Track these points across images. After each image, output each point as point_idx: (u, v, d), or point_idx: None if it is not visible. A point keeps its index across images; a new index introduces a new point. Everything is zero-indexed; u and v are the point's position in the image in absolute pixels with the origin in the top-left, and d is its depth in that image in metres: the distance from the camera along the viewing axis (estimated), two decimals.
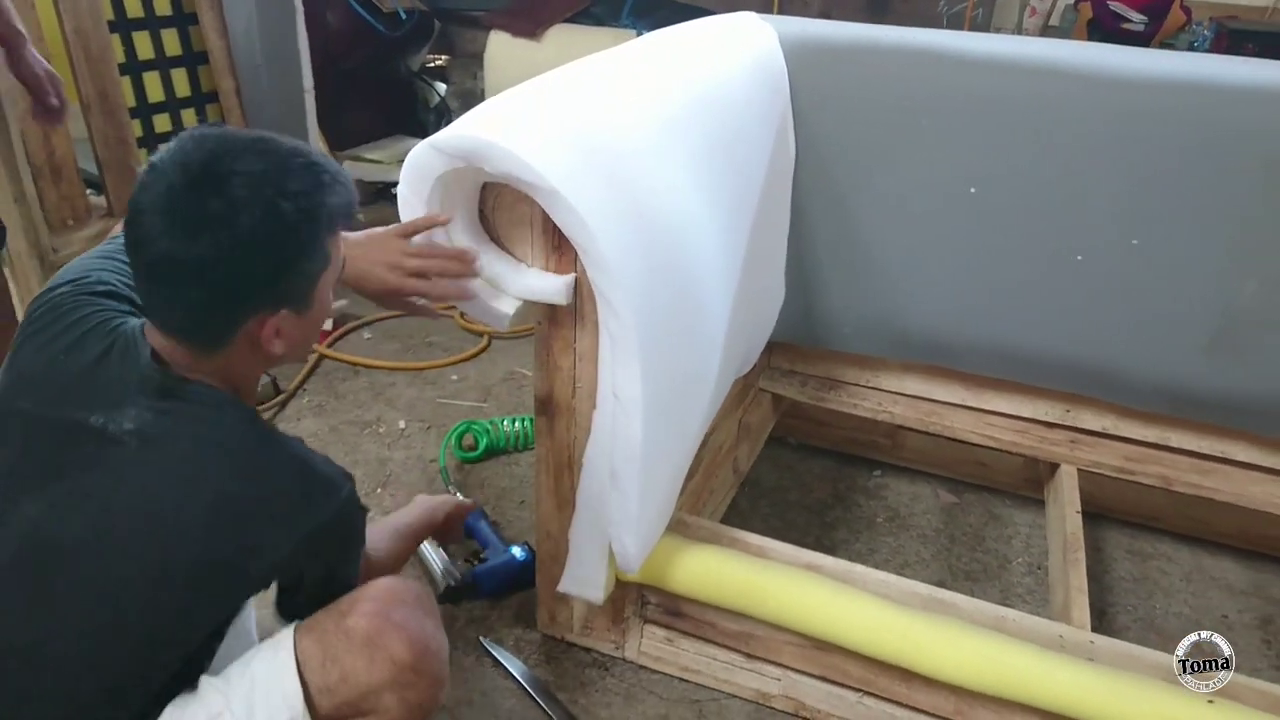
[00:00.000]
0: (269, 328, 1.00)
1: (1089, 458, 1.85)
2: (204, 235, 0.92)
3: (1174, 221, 1.58)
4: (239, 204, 0.92)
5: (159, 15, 2.74)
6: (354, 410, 2.29)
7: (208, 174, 0.93)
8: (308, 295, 1.02)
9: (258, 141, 0.97)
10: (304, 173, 0.98)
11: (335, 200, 1.00)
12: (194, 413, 0.98)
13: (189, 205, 0.92)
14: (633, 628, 1.57)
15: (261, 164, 0.95)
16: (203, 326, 0.99)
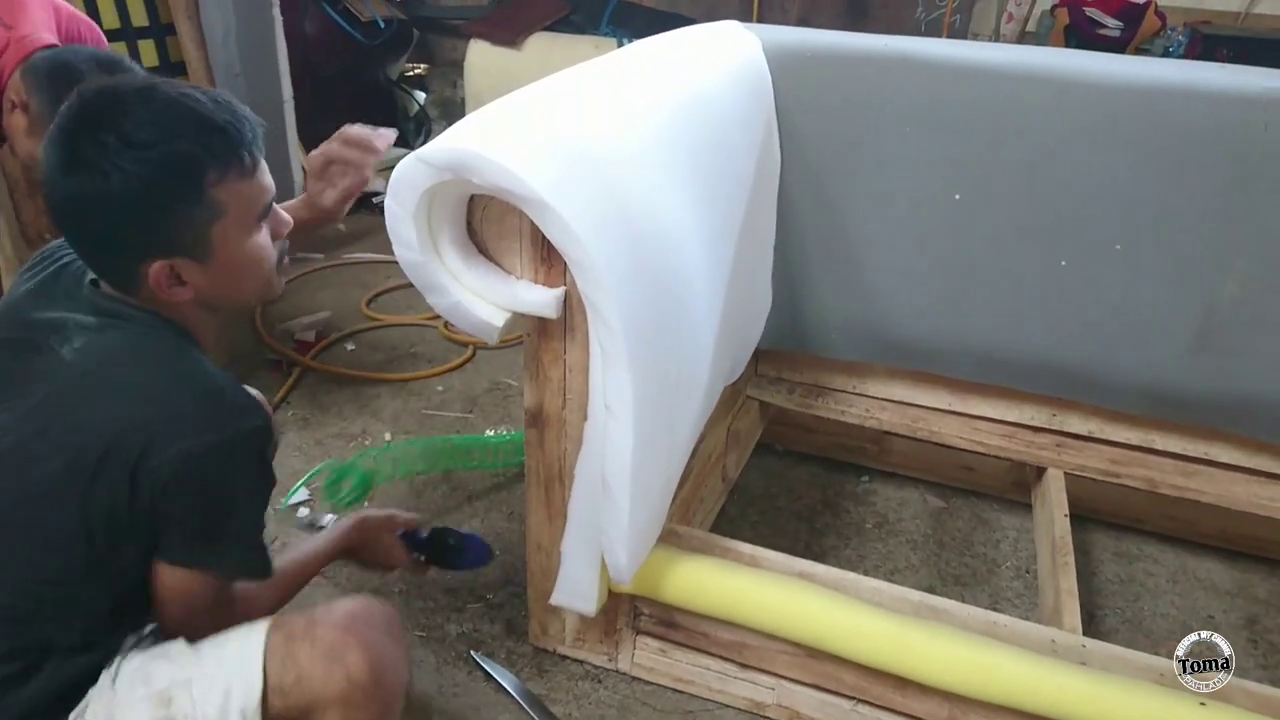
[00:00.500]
0: (158, 273, 1.01)
1: (1075, 461, 1.86)
2: (72, 178, 0.97)
3: (1155, 225, 1.60)
4: (109, 149, 0.95)
5: (135, 26, 2.72)
6: (339, 423, 2.27)
7: (81, 123, 0.97)
8: (200, 243, 1.02)
9: (141, 91, 0.99)
10: (170, 122, 0.98)
11: (202, 149, 0.99)
12: (121, 327, 1.03)
13: (65, 149, 0.97)
14: (625, 639, 1.56)
15: (134, 115, 0.97)
16: (99, 265, 1.04)
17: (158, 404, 0.99)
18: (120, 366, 1.01)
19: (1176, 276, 1.61)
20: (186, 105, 1.00)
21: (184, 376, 1.01)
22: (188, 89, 1.02)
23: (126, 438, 0.96)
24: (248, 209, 1.05)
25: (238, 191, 1.03)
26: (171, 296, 1.03)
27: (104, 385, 1.00)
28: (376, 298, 2.94)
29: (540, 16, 3.76)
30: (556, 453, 1.39)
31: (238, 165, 1.02)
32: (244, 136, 1.03)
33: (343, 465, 1.86)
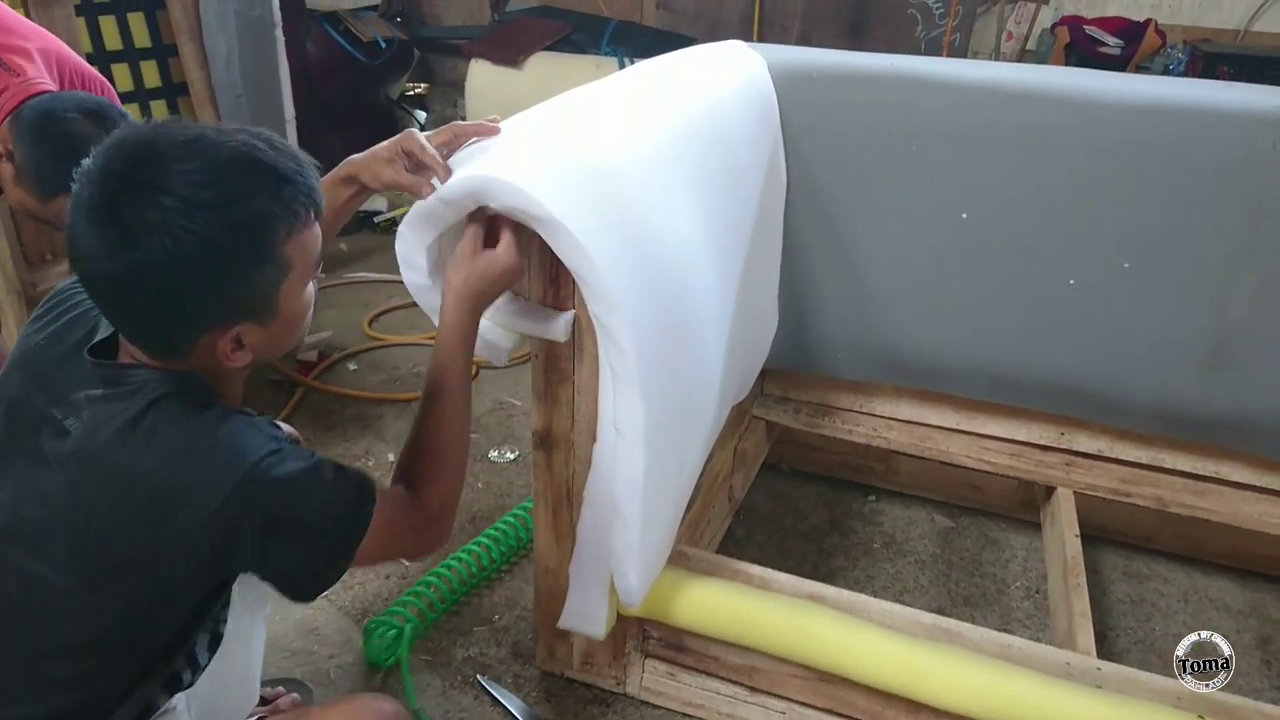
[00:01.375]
0: (225, 342, 0.93)
1: (1085, 480, 1.85)
2: (121, 257, 0.85)
3: (1164, 244, 1.59)
4: (155, 225, 0.84)
5: (138, 47, 2.72)
6: (342, 444, 2.25)
7: (126, 187, 0.85)
8: (269, 305, 0.94)
9: (190, 143, 0.87)
10: (238, 179, 0.88)
11: (278, 206, 0.90)
12: (122, 402, 0.93)
13: (105, 223, 0.85)
14: (634, 662, 1.54)
15: (187, 174, 0.85)
16: (148, 342, 0.94)
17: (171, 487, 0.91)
18: (122, 449, 0.91)
19: (1185, 295, 1.61)
20: (250, 156, 0.89)
21: (174, 450, 0.91)
22: (242, 134, 0.91)
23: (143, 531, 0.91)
24: (309, 260, 0.97)
25: (302, 244, 0.94)
26: (232, 363, 0.95)
27: (111, 474, 0.91)
28: (378, 317, 2.93)
29: (541, 36, 3.77)
30: (564, 475, 1.38)
31: (305, 217, 0.94)
32: (311, 185, 0.94)
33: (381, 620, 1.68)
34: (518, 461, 2.22)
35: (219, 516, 0.90)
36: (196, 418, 0.92)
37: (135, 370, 0.94)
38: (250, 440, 0.92)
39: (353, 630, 1.69)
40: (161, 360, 0.94)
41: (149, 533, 0.91)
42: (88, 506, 0.91)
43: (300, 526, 0.95)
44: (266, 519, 0.93)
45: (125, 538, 0.91)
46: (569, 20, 3.89)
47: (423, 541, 1.10)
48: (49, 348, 1.01)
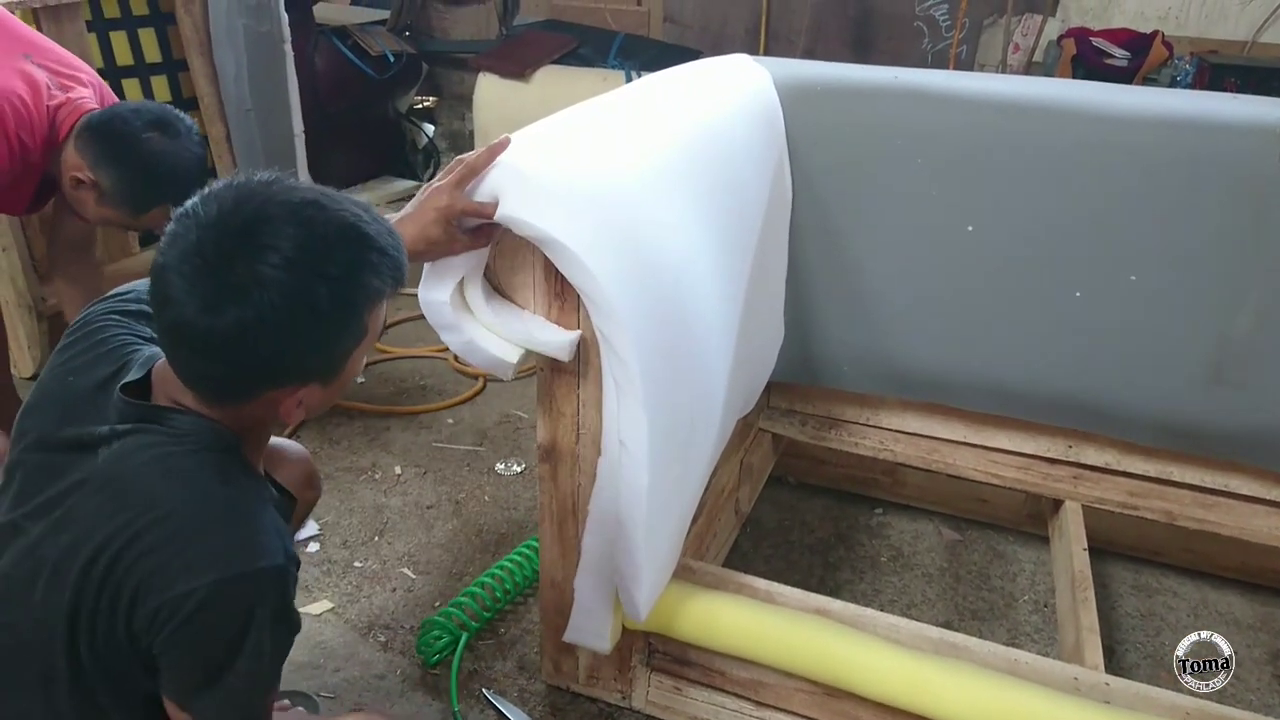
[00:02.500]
0: (292, 400, 0.94)
1: (1092, 493, 1.84)
2: (228, 311, 0.85)
3: (1170, 256, 1.59)
4: (269, 283, 0.85)
5: (148, 62, 2.74)
6: (349, 456, 2.26)
7: (241, 243, 0.85)
8: (338, 369, 0.96)
9: (305, 207, 0.88)
10: (348, 249, 0.89)
11: (378, 279, 0.92)
12: (153, 443, 0.93)
13: (214, 275, 0.85)
14: (639, 676, 1.54)
15: (302, 238, 0.86)
16: (218, 393, 0.94)
17: (172, 534, 0.90)
18: (147, 490, 0.92)
19: (1190, 308, 1.60)
20: (359, 228, 0.91)
21: (206, 501, 0.92)
22: (350, 205, 0.92)
23: (126, 576, 0.89)
24: (378, 329, 0.98)
25: (379, 314, 0.96)
26: (289, 419, 0.96)
27: (126, 491, 0.92)
28: (385, 330, 2.94)
29: (548, 50, 3.79)
30: (570, 488, 1.38)
31: (390, 291, 0.95)
32: (402, 262, 0.95)
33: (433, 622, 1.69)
34: (524, 474, 2.22)
35: (194, 593, 0.87)
36: (235, 486, 0.94)
37: (175, 414, 0.95)
38: (276, 542, 0.93)
39: (358, 644, 1.69)
40: (212, 406, 0.94)
41: (146, 574, 0.89)
42: (94, 519, 0.91)
43: (263, 650, 0.93)
44: (233, 624, 0.91)
45: (123, 573, 0.90)
46: (576, 34, 3.91)
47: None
48: (77, 381, 1.01)
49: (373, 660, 1.66)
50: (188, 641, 0.90)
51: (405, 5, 4.21)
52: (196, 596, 0.87)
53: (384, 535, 1.98)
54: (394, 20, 4.16)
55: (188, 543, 0.89)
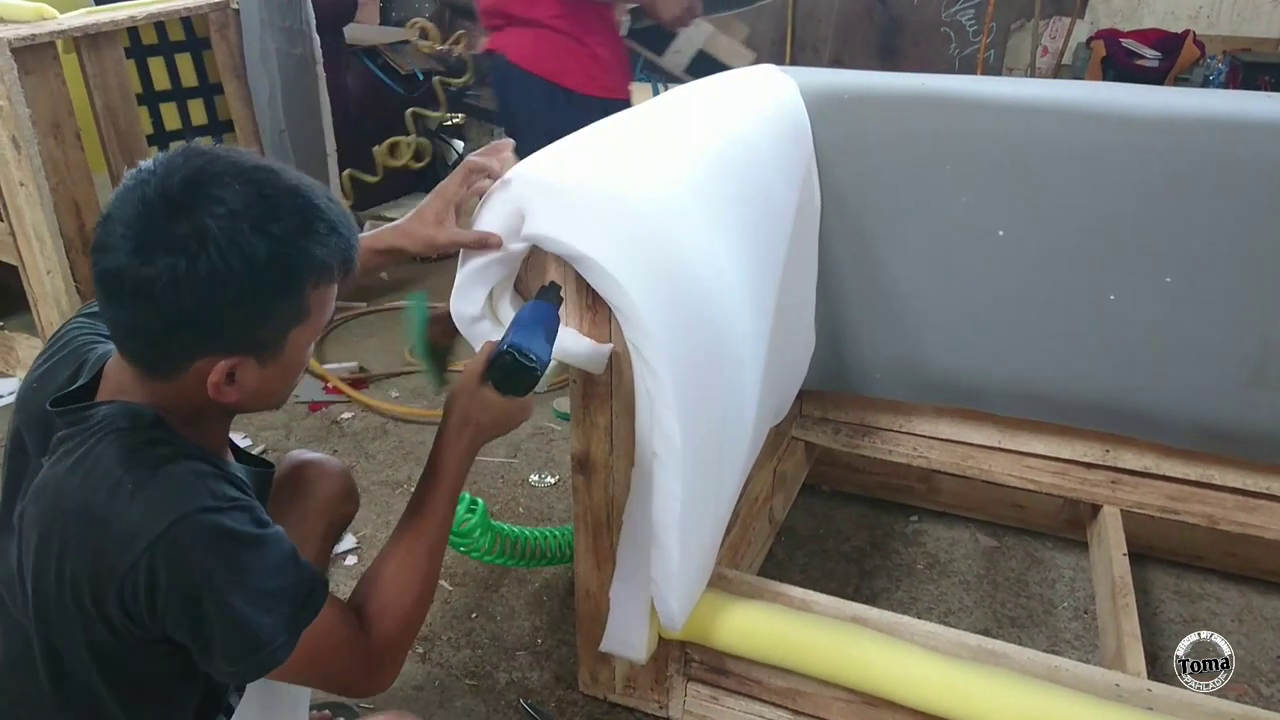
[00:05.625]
0: (218, 372, 0.90)
1: (1131, 498, 1.82)
2: (160, 258, 0.84)
3: (1206, 258, 1.57)
4: (206, 234, 0.84)
5: (185, 87, 2.80)
6: (384, 470, 2.28)
7: (185, 194, 0.85)
8: (274, 346, 0.93)
9: (256, 170, 0.89)
10: (295, 215, 0.89)
11: (322, 251, 0.90)
12: (73, 445, 0.91)
13: (154, 223, 0.85)
14: (676, 686, 1.54)
15: (247, 196, 0.86)
16: (146, 352, 0.91)
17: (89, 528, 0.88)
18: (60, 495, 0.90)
19: (1229, 309, 1.58)
20: (309, 199, 0.91)
21: (114, 484, 0.88)
22: (306, 180, 0.93)
23: (76, 579, 0.88)
24: (323, 317, 0.96)
25: (324, 297, 0.95)
26: (219, 397, 0.92)
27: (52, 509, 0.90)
28: None
29: None
30: (604, 499, 1.39)
31: (337, 273, 0.94)
32: (353, 245, 0.95)
33: None
34: (558, 486, 2.23)
35: (138, 566, 0.85)
36: (140, 454, 0.89)
37: (96, 408, 0.93)
38: (190, 488, 0.88)
39: None
40: (146, 378, 0.92)
41: (87, 578, 0.87)
42: (40, 544, 0.90)
43: (228, 593, 0.87)
44: (190, 577, 0.86)
45: (69, 581, 0.88)
46: None
47: (356, 676, 0.99)
48: (40, 389, 1.01)
49: (411, 672, 1.67)
50: (163, 611, 0.87)
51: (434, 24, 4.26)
52: (141, 568, 0.85)
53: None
54: None
55: (106, 529, 0.86)
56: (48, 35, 2.28)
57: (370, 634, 1.00)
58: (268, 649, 0.90)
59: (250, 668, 0.91)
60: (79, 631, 0.90)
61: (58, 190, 2.37)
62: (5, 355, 2.75)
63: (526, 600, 1.85)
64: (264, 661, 0.90)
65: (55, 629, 0.91)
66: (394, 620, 1.01)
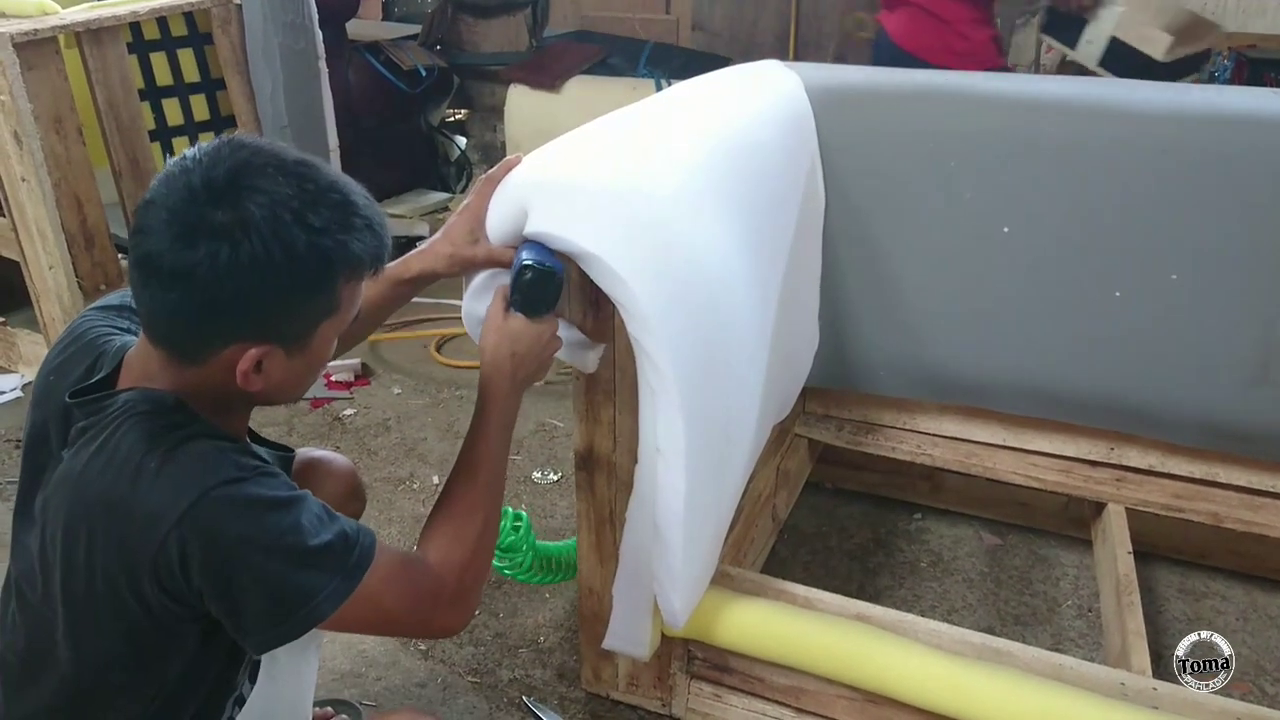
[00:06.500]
0: (248, 359, 0.91)
1: (1136, 496, 1.82)
2: (202, 245, 0.85)
3: (1212, 255, 1.56)
4: (249, 223, 0.86)
5: (188, 82, 2.80)
6: (387, 467, 2.28)
7: (229, 183, 0.87)
8: (303, 337, 0.94)
9: (296, 164, 0.91)
10: (333, 209, 0.91)
11: (359, 247, 0.92)
12: (94, 434, 0.92)
13: (198, 210, 0.86)
14: (679, 684, 1.54)
15: (290, 188, 0.88)
16: (179, 337, 0.92)
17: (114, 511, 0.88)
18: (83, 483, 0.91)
19: (1235, 307, 1.57)
20: (348, 195, 0.93)
21: (137, 467, 0.89)
22: (340, 176, 0.94)
23: (108, 564, 0.89)
24: (351, 312, 0.98)
25: (354, 293, 0.96)
26: (246, 385, 0.93)
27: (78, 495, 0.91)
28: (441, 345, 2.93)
29: (578, 61, 3.81)
30: (607, 496, 1.39)
31: (368, 270, 0.96)
32: (386, 244, 0.97)
33: None
34: (560, 483, 2.22)
35: (168, 544, 0.86)
36: (161, 436, 0.90)
37: (116, 395, 0.94)
38: (214, 462, 0.89)
39: (399, 652, 1.70)
40: (174, 363, 0.93)
41: (118, 563, 0.88)
42: (66, 534, 0.91)
43: (264, 557, 0.88)
44: (222, 548, 0.87)
45: (100, 568, 0.89)
46: (605, 44, 3.92)
47: (439, 613, 1.00)
48: (58, 382, 1.02)
49: (414, 668, 1.67)
50: (202, 584, 0.88)
51: (436, 19, 4.25)
52: (173, 545, 0.86)
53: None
54: (425, 34, 4.20)
55: (132, 512, 0.87)
56: (50, 30, 2.28)
57: (439, 570, 1.00)
58: (312, 602, 0.90)
59: (295, 624, 0.91)
60: (110, 619, 0.91)
61: (59, 185, 2.37)
62: (7, 350, 2.75)
63: (529, 597, 1.85)
64: (310, 615, 0.90)
65: (83, 619, 0.92)
66: (461, 553, 1.02)
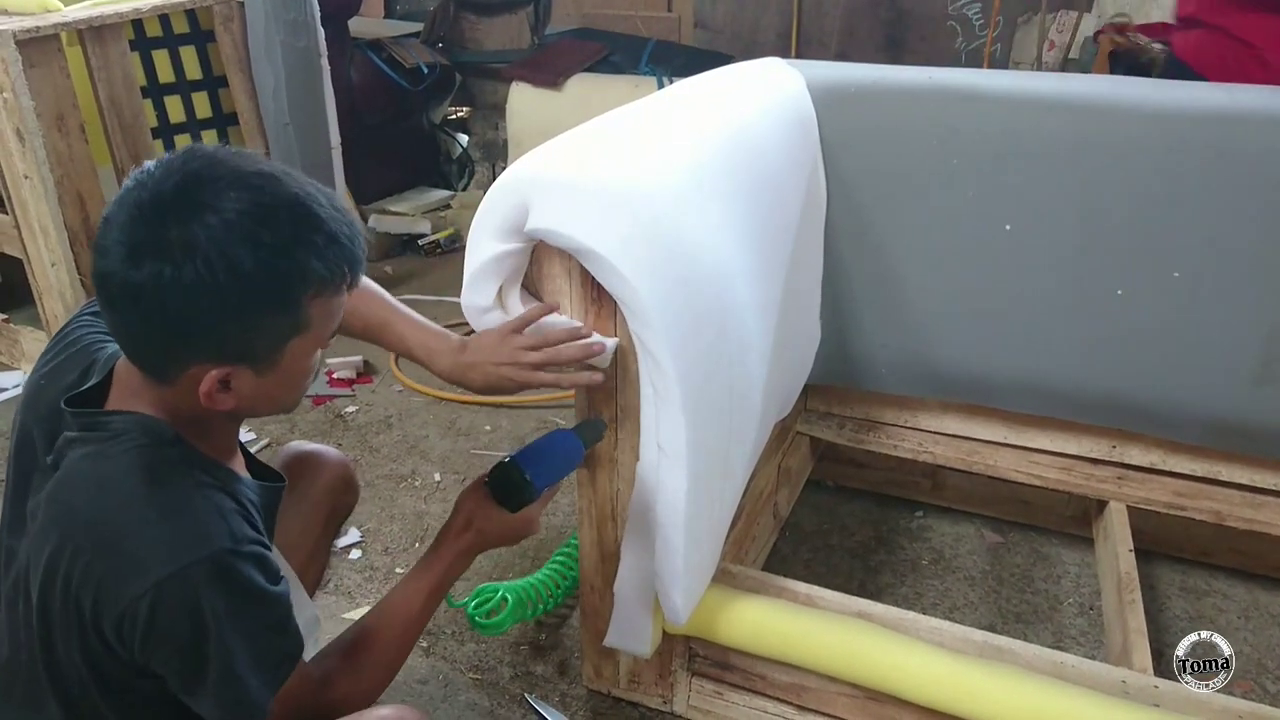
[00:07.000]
0: (209, 381, 0.89)
1: (1138, 494, 1.82)
2: (146, 264, 0.83)
3: (1215, 252, 1.56)
4: (193, 242, 0.82)
5: (190, 80, 2.80)
6: (389, 464, 2.28)
7: (177, 199, 0.84)
8: (269, 355, 0.91)
9: (252, 176, 0.87)
10: (290, 225, 0.86)
11: (319, 264, 0.88)
12: (90, 450, 0.91)
13: (144, 229, 0.83)
14: (680, 681, 1.54)
15: (242, 204, 0.84)
16: (143, 357, 0.91)
17: (102, 547, 0.88)
18: (75, 505, 0.90)
19: (1237, 305, 1.57)
20: (307, 207, 0.88)
21: (132, 506, 0.88)
22: (310, 186, 0.91)
23: (80, 592, 0.88)
24: (328, 326, 0.95)
25: (327, 308, 0.93)
26: (212, 404, 0.90)
27: (66, 515, 0.90)
28: None
29: (580, 58, 3.80)
30: (608, 493, 1.39)
31: (339, 283, 0.92)
32: (357, 255, 0.93)
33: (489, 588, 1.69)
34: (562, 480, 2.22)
35: (143, 598, 0.85)
36: (161, 478, 0.90)
37: (113, 416, 0.93)
38: (213, 527, 0.90)
39: None
40: (150, 380, 0.92)
41: (93, 597, 0.87)
42: (49, 558, 0.89)
43: (233, 643, 0.89)
44: (196, 619, 0.87)
45: (77, 596, 0.88)
46: (607, 41, 3.92)
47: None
48: (49, 386, 1.00)
49: (415, 665, 1.67)
50: (156, 645, 0.88)
51: (438, 17, 4.25)
52: (146, 600, 0.85)
53: (425, 541, 1.99)
54: (427, 32, 4.20)
55: (120, 550, 0.87)
56: (52, 27, 2.28)
57: (329, 692, 1.04)
58: (256, 709, 0.92)
59: (236, 703, 0.92)
60: (75, 639, 0.90)
61: (62, 183, 2.37)
62: (10, 348, 2.75)
63: None
64: (247, 717, 0.92)
65: (57, 634, 0.91)
66: (355, 682, 1.07)
